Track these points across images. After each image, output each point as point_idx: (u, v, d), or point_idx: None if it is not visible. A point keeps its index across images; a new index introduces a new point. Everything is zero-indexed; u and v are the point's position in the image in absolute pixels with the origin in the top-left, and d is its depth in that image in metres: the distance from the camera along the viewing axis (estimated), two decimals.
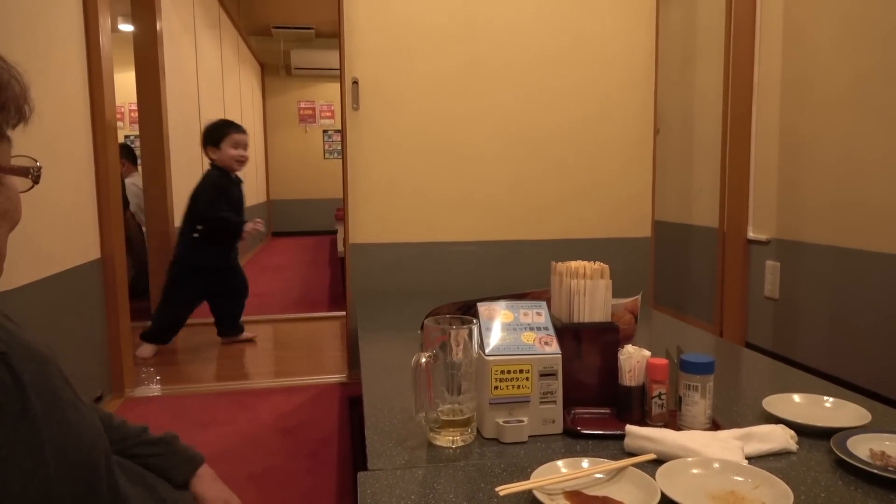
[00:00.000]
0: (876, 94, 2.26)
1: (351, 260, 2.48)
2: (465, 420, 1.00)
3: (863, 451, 0.91)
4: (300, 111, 10.04)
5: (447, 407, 0.99)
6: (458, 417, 0.99)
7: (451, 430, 0.99)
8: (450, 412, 0.99)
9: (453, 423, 0.99)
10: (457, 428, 0.99)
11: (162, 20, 3.99)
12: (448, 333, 1.00)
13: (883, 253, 2.24)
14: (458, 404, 0.99)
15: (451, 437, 0.99)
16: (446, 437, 0.99)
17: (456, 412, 0.99)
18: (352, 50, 2.40)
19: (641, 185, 2.62)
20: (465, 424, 1.00)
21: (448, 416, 0.99)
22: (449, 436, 0.99)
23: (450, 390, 0.99)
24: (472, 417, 1.01)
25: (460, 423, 1.00)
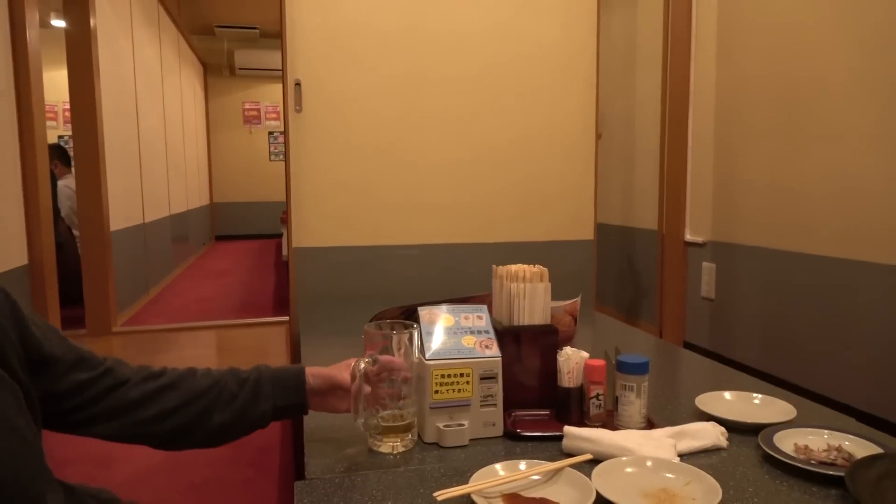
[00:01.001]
0: (804, 100, 2.37)
1: (295, 264, 2.44)
2: (406, 426, 0.99)
3: (788, 445, 0.95)
4: (245, 112, 9.85)
5: (388, 413, 0.98)
6: (398, 423, 0.98)
7: (392, 436, 0.98)
8: (390, 418, 0.98)
9: (394, 428, 0.98)
10: (398, 434, 0.98)
11: (96, 16, 3.85)
12: (389, 338, 0.99)
13: (812, 254, 2.34)
14: (398, 409, 0.98)
15: (392, 444, 0.98)
16: (388, 444, 0.98)
17: (397, 417, 0.98)
18: (294, 51, 2.37)
19: (584, 189, 2.67)
20: (406, 430, 0.99)
21: (389, 421, 0.98)
22: (390, 442, 0.98)
23: (391, 395, 0.98)
24: (414, 423, 1.00)
25: (401, 429, 0.99)
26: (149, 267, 5.22)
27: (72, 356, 0.87)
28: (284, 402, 0.96)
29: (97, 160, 3.86)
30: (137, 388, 0.90)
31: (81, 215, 3.91)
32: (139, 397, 0.89)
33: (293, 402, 0.97)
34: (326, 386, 0.98)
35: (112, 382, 0.89)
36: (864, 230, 2.13)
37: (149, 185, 5.34)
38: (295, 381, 0.98)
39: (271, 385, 0.97)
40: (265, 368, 0.99)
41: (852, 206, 2.17)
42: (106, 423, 0.88)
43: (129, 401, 0.89)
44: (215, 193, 9.83)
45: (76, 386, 0.86)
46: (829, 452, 0.91)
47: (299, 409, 0.98)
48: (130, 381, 0.90)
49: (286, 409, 0.97)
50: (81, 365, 0.88)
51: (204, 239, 8.83)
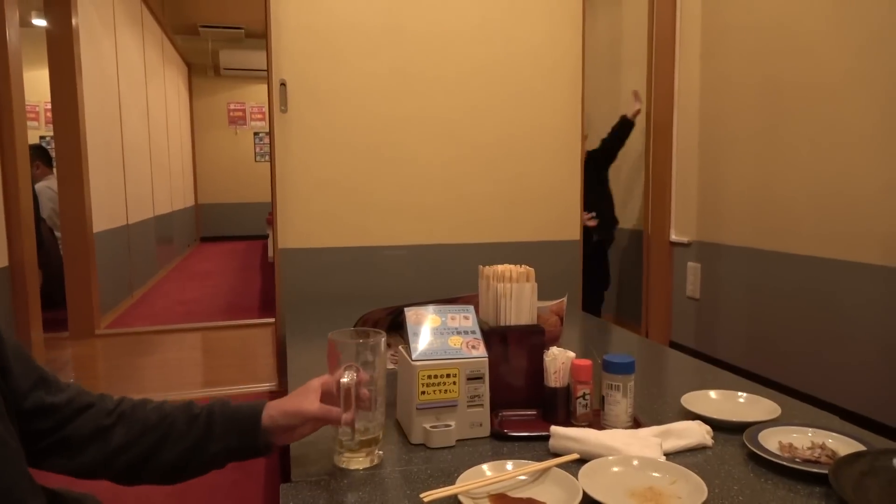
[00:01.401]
0: (787, 102, 2.39)
1: (281, 265, 2.43)
2: (374, 439, 0.94)
3: (773, 443, 0.95)
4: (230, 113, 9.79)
5: (361, 425, 0.92)
6: (369, 436, 0.93)
7: (364, 450, 0.93)
8: (364, 431, 0.92)
9: (368, 441, 0.93)
10: (372, 447, 0.94)
11: (78, 16, 3.81)
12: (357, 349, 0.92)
13: (796, 254, 2.37)
14: (369, 422, 0.93)
15: (361, 459, 0.93)
16: (358, 459, 0.93)
17: (368, 430, 0.93)
18: (280, 51, 2.35)
19: (570, 190, 2.68)
20: (375, 443, 0.94)
21: (362, 435, 0.92)
22: (360, 457, 0.93)
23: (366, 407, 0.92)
24: (380, 437, 0.95)
25: (374, 442, 0.94)
26: (133, 268, 5.16)
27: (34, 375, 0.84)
28: (238, 444, 0.88)
29: (79, 161, 3.81)
30: (90, 421, 0.85)
31: (63, 216, 3.87)
32: (90, 432, 0.85)
33: (247, 445, 0.88)
34: (294, 421, 0.88)
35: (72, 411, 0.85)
36: (847, 230, 2.15)
37: (132, 186, 5.29)
38: (249, 421, 0.88)
39: (223, 425, 0.88)
40: (220, 406, 0.91)
41: (835, 206, 2.20)
42: (62, 456, 0.84)
43: (82, 435, 0.84)
44: (200, 194, 9.75)
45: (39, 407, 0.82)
46: (813, 450, 0.92)
47: (255, 451, 0.88)
48: (86, 413, 0.86)
49: (240, 451, 0.88)
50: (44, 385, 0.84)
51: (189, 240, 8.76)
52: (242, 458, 0.90)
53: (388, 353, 0.96)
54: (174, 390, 2.82)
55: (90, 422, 0.86)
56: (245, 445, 0.88)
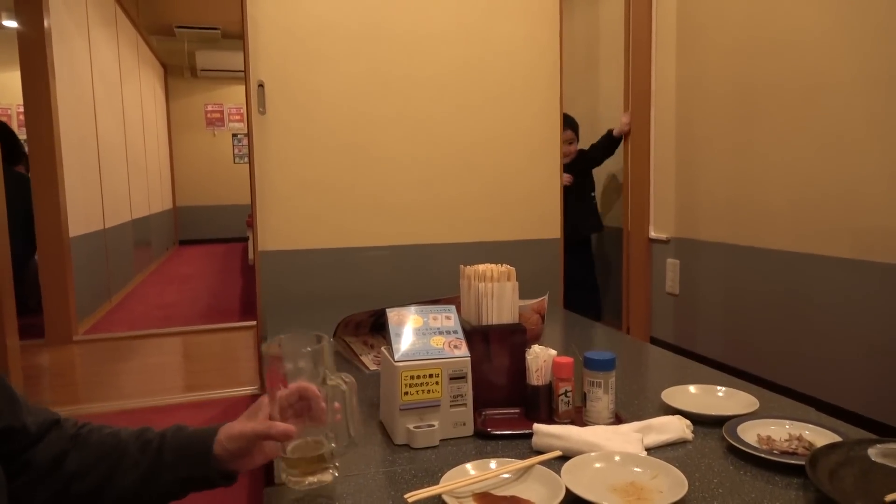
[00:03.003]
0: (761, 98, 2.43)
1: (261, 268, 2.41)
2: (319, 457, 0.85)
3: (751, 436, 0.97)
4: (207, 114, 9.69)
5: (301, 441, 0.85)
6: (311, 454, 0.85)
7: (309, 467, 0.85)
8: (303, 447, 0.85)
9: (312, 460, 0.85)
10: (316, 465, 0.85)
11: (50, 17, 3.74)
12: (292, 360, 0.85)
13: (772, 249, 2.40)
14: (312, 437, 0.85)
15: (309, 477, 0.85)
16: (295, 479, 0.85)
17: (310, 447, 0.85)
18: (257, 52, 2.34)
19: (550, 188, 2.69)
20: (321, 461, 0.86)
21: (300, 453, 0.85)
22: (306, 475, 0.85)
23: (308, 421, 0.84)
24: (330, 455, 0.86)
25: (319, 461, 0.85)
26: (110, 273, 5.09)
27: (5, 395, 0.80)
28: (189, 474, 0.81)
29: (53, 165, 3.75)
30: (51, 445, 0.82)
31: (39, 221, 3.80)
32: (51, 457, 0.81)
33: (200, 475, 0.81)
34: (242, 443, 0.81)
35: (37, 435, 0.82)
36: (819, 225, 2.19)
37: (109, 189, 5.21)
38: (200, 449, 0.81)
39: (173, 453, 0.82)
40: (173, 432, 0.85)
41: (807, 202, 2.24)
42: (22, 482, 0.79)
43: (43, 459, 0.81)
44: (178, 197, 9.65)
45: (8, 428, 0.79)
46: (791, 442, 0.94)
47: (210, 481, 0.82)
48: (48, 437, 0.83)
49: (194, 481, 0.82)
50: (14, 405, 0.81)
51: (167, 243, 8.66)
52: (202, 489, 0.83)
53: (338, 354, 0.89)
54: (155, 396, 2.79)
55: (52, 446, 0.82)
56: (198, 475, 0.82)
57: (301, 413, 0.83)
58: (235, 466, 0.83)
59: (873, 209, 2.01)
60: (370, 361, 1.46)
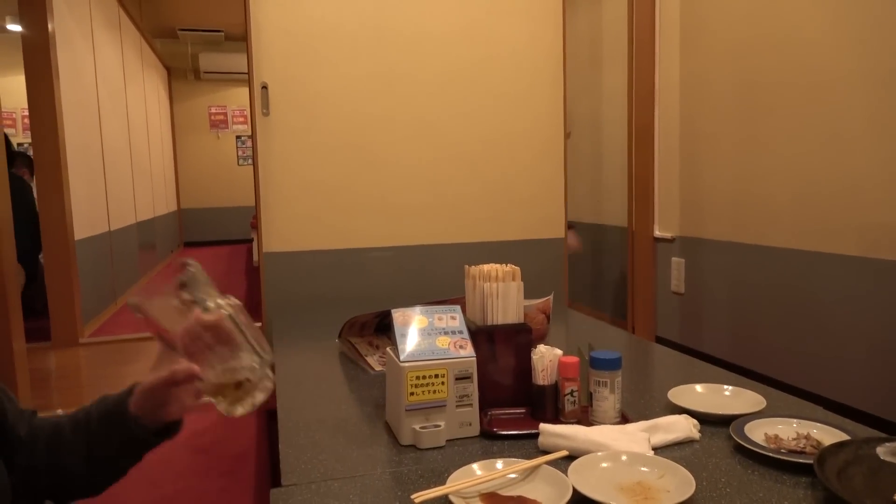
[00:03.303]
0: (765, 95, 2.42)
1: (266, 269, 2.41)
2: (241, 383, 0.81)
3: (758, 435, 0.96)
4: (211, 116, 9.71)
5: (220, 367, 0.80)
6: (228, 380, 0.80)
7: (231, 394, 0.81)
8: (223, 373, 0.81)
9: (229, 386, 0.81)
10: (238, 391, 0.81)
11: (54, 20, 3.76)
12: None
13: (777, 247, 2.39)
14: (226, 363, 0.81)
15: (233, 404, 0.81)
16: (225, 405, 0.81)
17: (227, 374, 0.81)
18: (260, 54, 2.34)
19: (554, 188, 2.69)
20: (245, 387, 0.81)
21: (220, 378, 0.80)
22: (232, 402, 0.81)
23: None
24: (249, 381, 0.81)
25: (237, 387, 0.81)
26: (115, 276, 5.11)
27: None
28: (121, 439, 0.80)
29: (59, 168, 3.76)
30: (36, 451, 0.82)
31: (44, 224, 3.82)
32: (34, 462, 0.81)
33: (129, 437, 0.80)
34: (154, 396, 0.79)
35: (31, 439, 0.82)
36: (825, 223, 2.19)
37: (114, 192, 5.23)
38: (118, 413, 0.80)
39: (100, 425, 0.81)
40: (97, 405, 0.83)
41: (813, 199, 2.23)
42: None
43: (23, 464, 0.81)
44: (183, 199, 9.67)
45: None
46: (799, 441, 0.93)
47: (141, 441, 0.80)
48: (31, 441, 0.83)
49: (129, 444, 0.81)
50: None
51: (172, 246, 8.69)
52: (142, 450, 0.82)
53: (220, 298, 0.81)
54: None
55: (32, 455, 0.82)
56: (126, 439, 0.80)
57: (212, 344, 0.79)
58: (159, 420, 0.81)
59: (879, 206, 2.00)
60: (375, 362, 1.46)
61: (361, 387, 1.33)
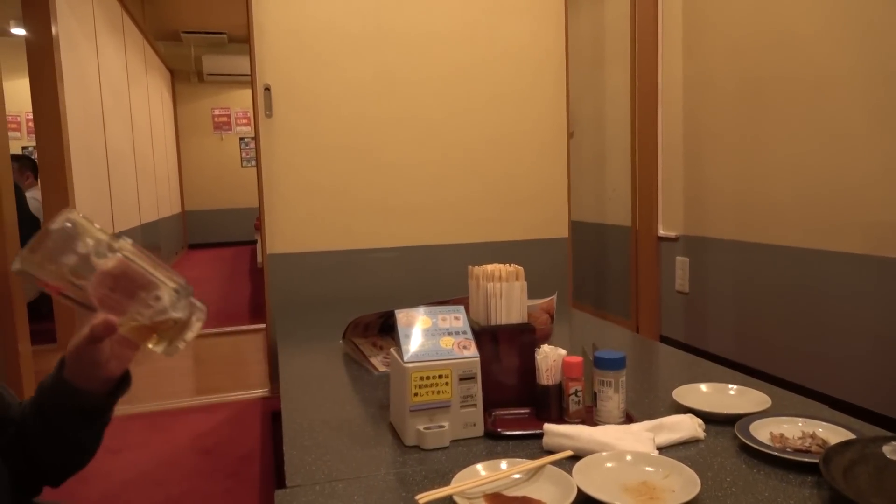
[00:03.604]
0: (769, 93, 2.41)
1: (270, 270, 2.42)
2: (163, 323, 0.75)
3: (764, 434, 0.96)
4: (214, 118, 9.73)
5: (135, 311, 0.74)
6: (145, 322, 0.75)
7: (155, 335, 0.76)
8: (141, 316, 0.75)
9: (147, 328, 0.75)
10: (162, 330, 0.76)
11: (58, 24, 3.77)
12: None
13: (782, 245, 2.39)
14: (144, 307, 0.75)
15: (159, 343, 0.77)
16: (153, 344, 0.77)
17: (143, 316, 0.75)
18: (263, 56, 2.34)
19: (557, 187, 2.69)
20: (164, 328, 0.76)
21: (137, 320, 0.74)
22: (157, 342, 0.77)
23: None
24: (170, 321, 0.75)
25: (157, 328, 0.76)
26: None
27: None
28: (73, 412, 0.78)
29: (63, 170, 3.77)
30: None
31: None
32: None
33: (78, 408, 0.78)
34: (82, 355, 0.74)
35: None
36: (829, 220, 2.18)
37: (118, 194, 5.24)
38: (60, 386, 0.77)
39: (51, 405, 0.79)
40: (44, 385, 0.80)
41: (817, 197, 2.22)
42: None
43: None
44: (187, 201, 9.68)
45: None
46: (804, 440, 0.93)
47: (95, 409, 0.78)
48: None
49: (84, 414, 0.78)
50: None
51: (176, 248, 8.70)
52: (100, 416, 0.80)
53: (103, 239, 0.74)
54: (166, 400, 2.80)
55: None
56: (77, 408, 0.77)
57: (126, 291, 0.73)
58: (103, 381, 0.77)
59: (884, 204, 1.99)
60: (379, 363, 1.46)
61: (365, 387, 1.33)
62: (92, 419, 0.80)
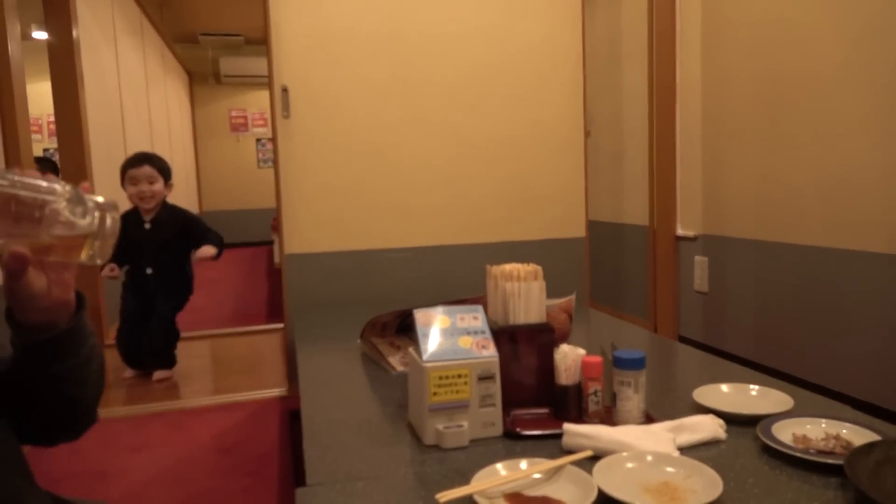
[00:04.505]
0: (788, 93, 2.38)
1: (287, 270, 2.43)
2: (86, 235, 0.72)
3: (786, 435, 0.95)
4: (231, 120, 9.81)
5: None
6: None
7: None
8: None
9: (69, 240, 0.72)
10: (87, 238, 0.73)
11: (78, 27, 3.82)
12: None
13: (802, 245, 2.36)
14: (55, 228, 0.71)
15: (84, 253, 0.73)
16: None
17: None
18: (280, 57, 2.36)
19: (574, 187, 2.68)
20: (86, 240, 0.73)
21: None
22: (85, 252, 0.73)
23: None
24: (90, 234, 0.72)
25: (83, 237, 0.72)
26: None
27: None
28: (24, 349, 0.76)
29: (84, 172, 3.82)
30: None
31: None
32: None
33: (38, 344, 0.75)
34: (21, 290, 0.71)
35: None
36: (852, 219, 2.15)
37: None
38: (12, 330, 0.75)
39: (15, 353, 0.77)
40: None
41: (839, 195, 2.19)
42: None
43: None
44: (204, 202, 9.78)
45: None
46: (828, 441, 0.92)
47: (60, 339, 0.75)
48: None
49: (48, 348, 0.76)
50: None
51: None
52: (70, 346, 0.77)
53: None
54: (184, 399, 2.83)
55: None
56: (37, 345, 0.75)
57: (26, 217, 0.68)
58: (52, 309, 0.74)
59: None
60: (397, 362, 1.47)
61: (383, 387, 1.34)
62: (67, 351, 0.77)
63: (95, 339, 0.82)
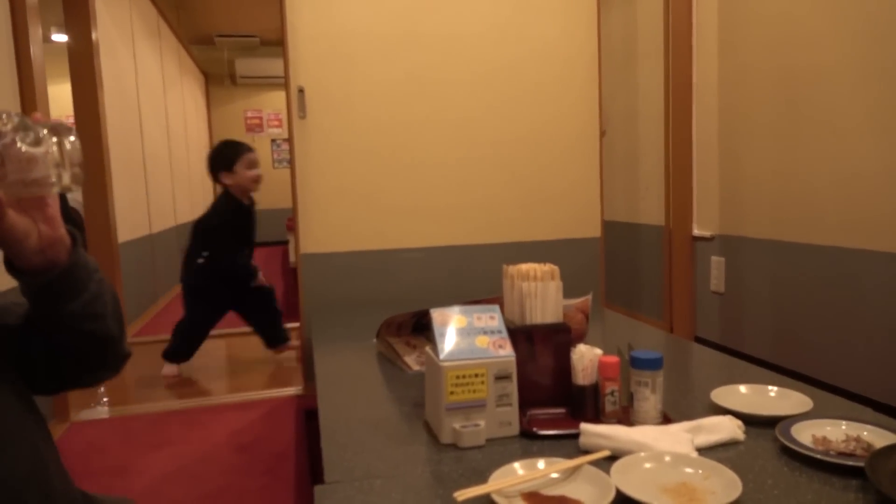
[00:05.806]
0: (806, 91, 2.36)
1: (303, 270, 2.45)
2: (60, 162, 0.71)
3: (806, 437, 0.94)
4: (247, 120, 9.88)
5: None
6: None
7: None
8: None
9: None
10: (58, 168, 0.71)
11: (98, 30, 3.87)
12: None
13: (820, 245, 2.33)
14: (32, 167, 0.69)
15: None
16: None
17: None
18: (297, 58, 2.38)
19: (590, 187, 2.67)
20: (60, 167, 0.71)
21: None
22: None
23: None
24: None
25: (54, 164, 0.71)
26: (157, 277, 5.23)
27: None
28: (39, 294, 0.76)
29: (103, 173, 3.87)
30: None
31: (89, 228, 3.93)
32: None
33: (38, 287, 0.75)
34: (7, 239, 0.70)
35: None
36: (871, 219, 2.12)
37: (154, 195, 5.36)
38: (12, 273, 0.75)
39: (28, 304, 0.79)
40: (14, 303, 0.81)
41: (858, 195, 2.17)
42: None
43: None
44: None
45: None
46: (848, 443, 0.91)
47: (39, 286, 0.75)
48: None
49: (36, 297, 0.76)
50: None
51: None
52: (75, 278, 0.76)
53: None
54: (201, 397, 2.86)
55: None
56: (36, 289, 0.75)
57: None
58: (45, 248, 0.73)
59: None
60: (413, 362, 1.47)
61: (399, 386, 1.34)
62: (68, 289, 0.76)
63: (102, 275, 0.81)
